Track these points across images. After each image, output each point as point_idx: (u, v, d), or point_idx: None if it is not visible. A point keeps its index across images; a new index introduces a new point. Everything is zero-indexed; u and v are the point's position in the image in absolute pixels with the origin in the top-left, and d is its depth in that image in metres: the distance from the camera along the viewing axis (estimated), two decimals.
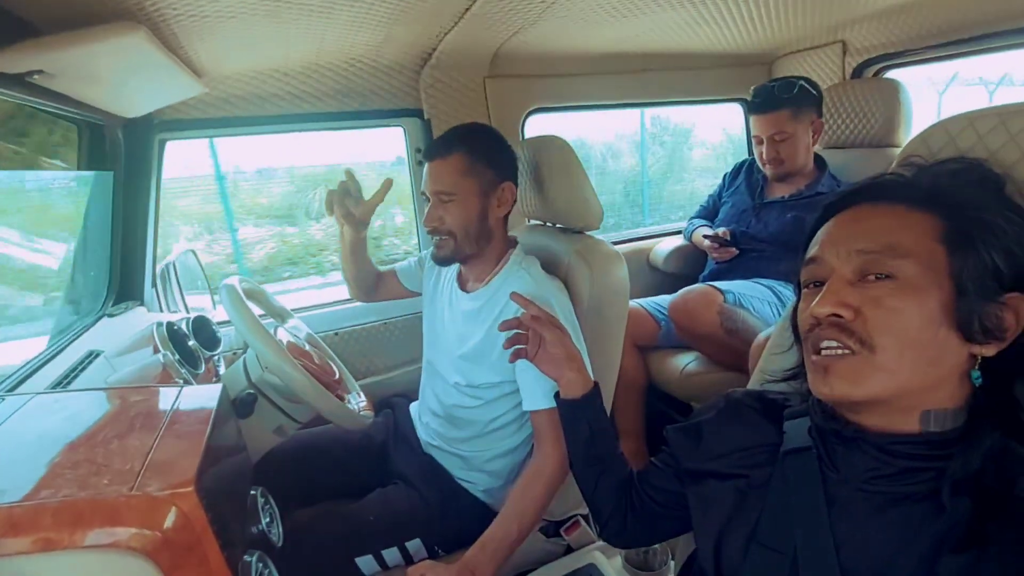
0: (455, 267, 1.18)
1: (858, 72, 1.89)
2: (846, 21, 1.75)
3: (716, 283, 1.60)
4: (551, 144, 1.15)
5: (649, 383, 1.70)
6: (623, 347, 1.18)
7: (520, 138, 1.79)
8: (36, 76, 0.85)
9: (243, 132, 1.59)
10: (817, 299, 0.51)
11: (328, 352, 1.27)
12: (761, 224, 1.69)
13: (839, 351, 0.50)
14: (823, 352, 0.51)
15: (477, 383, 1.09)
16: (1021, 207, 0.49)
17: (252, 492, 0.77)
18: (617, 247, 1.20)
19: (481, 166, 1.04)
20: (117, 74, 1.01)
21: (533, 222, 1.36)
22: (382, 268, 1.36)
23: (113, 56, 0.90)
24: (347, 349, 1.67)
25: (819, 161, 1.71)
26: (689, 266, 1.98)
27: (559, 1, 1.20)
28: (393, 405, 1.39)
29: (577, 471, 0.82)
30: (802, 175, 1.69)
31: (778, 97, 1.59)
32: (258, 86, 1.46)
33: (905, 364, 0.48)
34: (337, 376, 1.14)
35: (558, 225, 1.26)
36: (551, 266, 1.15)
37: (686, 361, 1.64)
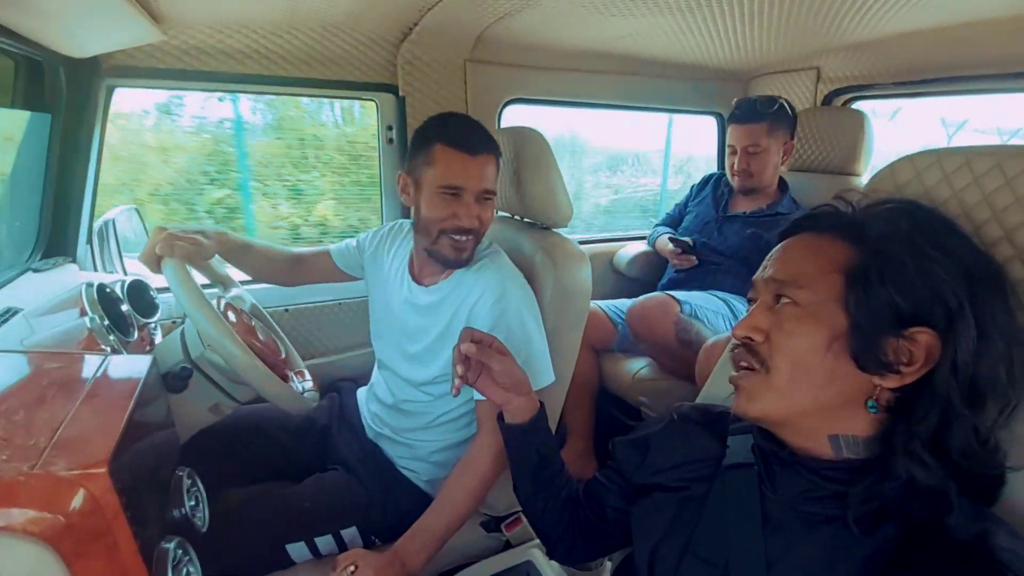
0: (405, 255, 1.12)
1: (829, 100, 1.95)
2: (822, 49, 1.80)
3: (673, 292, 1.63)
4: (528, 136, 1.13)
5: (601, 385, 1.72)
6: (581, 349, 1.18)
7: (496, 127, 1.76)
8: None
9: (201, 87, 1.49)
10: (740, 321, 0.57)
11: (275, 329, 1.21)
12: (722, 237, 1.73)
13: (746, 370, 0.55)
14: (739, 371, 0.57)
15: (431, 378, 1.06)
16: (946, 246, 0.50)
17: (178, 473, 0.72)
18: (583, 247, 1.19)
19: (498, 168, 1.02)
20: (63, 8, 0.92)
21: (502, 213, 1.34)
22: (305, 249, 1.27)
23: None
24: (297, 327, 1.60)
25: (782, 183, 1.77)
26: (651, 272, 2.00)
27: None
28: (340, 389, 1.34)
29: (523, 497, 0.81)
30: (765, 194, 1.74)
31: (759, 111, 1.65)
32: (222, 40, 1.36)
33: (794, 386, 0.52)
34: (283, 355, 1.09)
35: (527, 219, 1.24)
36: (515, 261, 1.13)
37: (638, 366, 1.66)
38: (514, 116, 1.84)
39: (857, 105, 1.94)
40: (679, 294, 1.60)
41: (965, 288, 0.48)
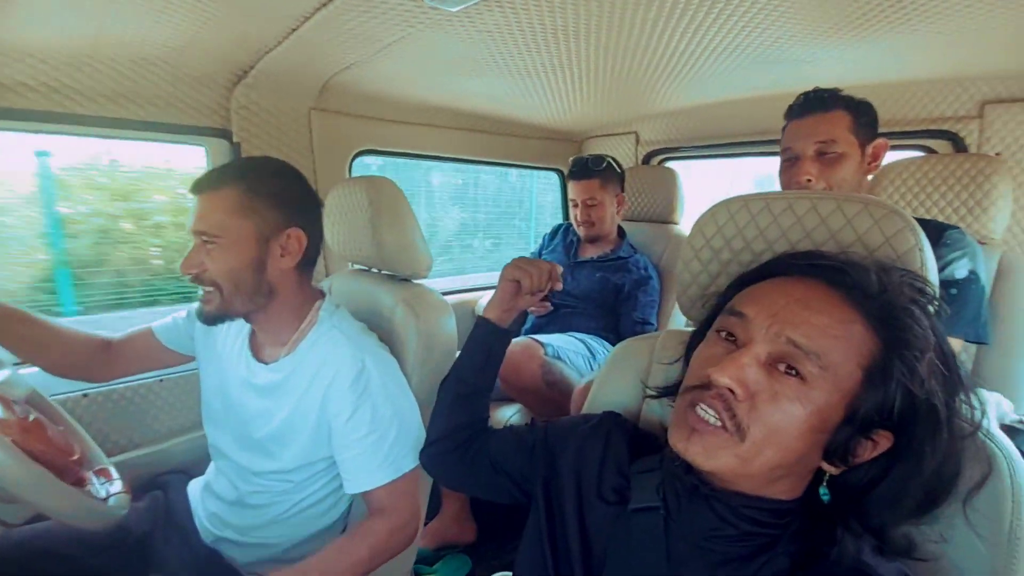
0: (244, 330, 0.98)
1: (647, 159, 2.26)
2: (637, 117, 2.10)
3: (537, 336, 1.68)
4: (381, 186, 1.09)
5: None
6: None
7: (347, 177, 1.69)
8: None
9: None
10: (721, 364, 0.49)
11: (66, 420, 0.95)
12: (575, 282, 1.86)
13: (713, 421, 0.49)
14: (699, 412, 0.50)
15: (285, 468, 0.92)
16: (947, 348, 0.49)
17: None
18: (445, 297, 1.17)
19: (263, 206, 0.87)
20: None
21: (359, 266, 1.27)
22: (119, 335, 1.05)
23: None
24: (103, 414, 1.28)
25: (620, 230, 1.98)
26: None
27: (393, 44, 1.19)
28: (165, 485, 1.09)
29: (446, 383, 0.81)
30: (607, 240, 1.93)
31: (591, 168, 1.85)
32: (9, 74, 1.12)
33: (761, 460, 0.48)
34: (77, 455, 0.85)
35: (384, 272, 1.19)
36: (375, 315, 1.07)
37: (509, 413, 1.66)
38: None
39: (670, 164, 2.28)
40: (542, 337, 1.66)
41: (943, 396, 0.48)
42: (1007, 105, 1.42)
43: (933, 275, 0.58)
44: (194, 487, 1.07)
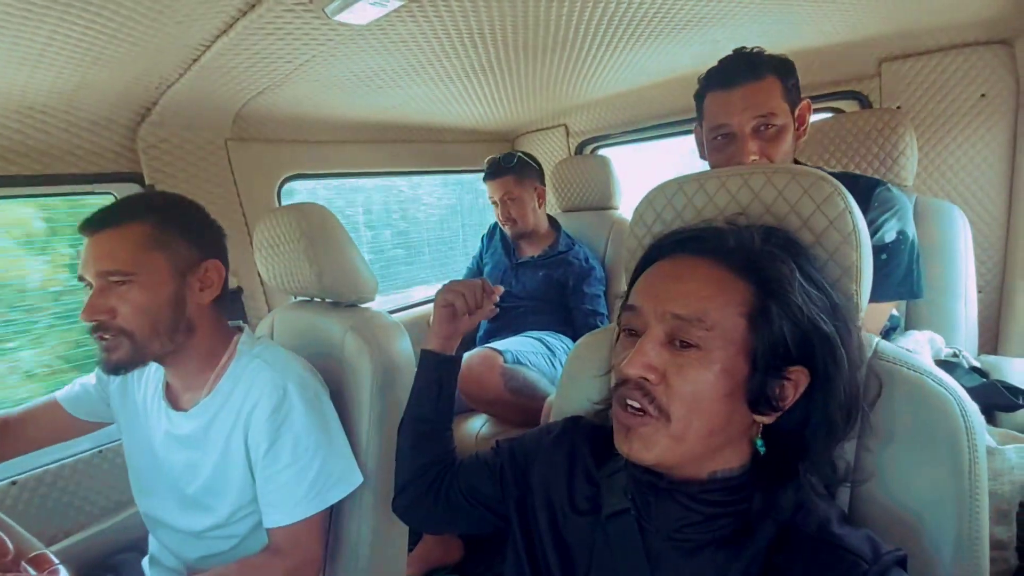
0: (158, 379, 0.92)
1: (579, 149, 2.28)
2: (566, 109, 2.12)
3: (494, 344, 1.66)
4: (312, 213, 1.04)
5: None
6: None
7: (276, 205, 1.62)
8: None
9: None
10: (628, 358, 0.52)
11: None
12: (520, 283, 1.87)
13: (640, 413, 0.52)
14: (628, 409, 0.52)
15: (226, 520, 0.86)
16: (816, 277, 0.54)
17: None
18: (396, 315, 1.14)
19: (175, 239, 0.82)
20: None
21: (301, 298, 1.21)
22: (17, 410, 0.96)
23: None
24: (36, 500, 1.17)
25: (554, 223, 1.97)
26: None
27: (305, 65, 1.14)
28: (117, 566, 1.01)
29: (404, 425, 0.79)
30: (541, 236, 1.91)
31: (503, 166, 1.86)
32: None
33: (692, 433, 0.51)
34: (11, 553, 0.76)
35: (328, 300, 1.14)
36: (325, 346, 1.02)
37: (478, 425, 1.63)
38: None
39: (602, 151, 2.31)
40: (499, 344, 1.64)
41: (826, 325, 0.51)
42: (901, 61, 1.53)
43: (865, 235, 0.60)
44: (148, 563, 0.99)
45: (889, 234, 0.96)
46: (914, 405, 0.56)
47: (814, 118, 1.52)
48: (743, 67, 0.98)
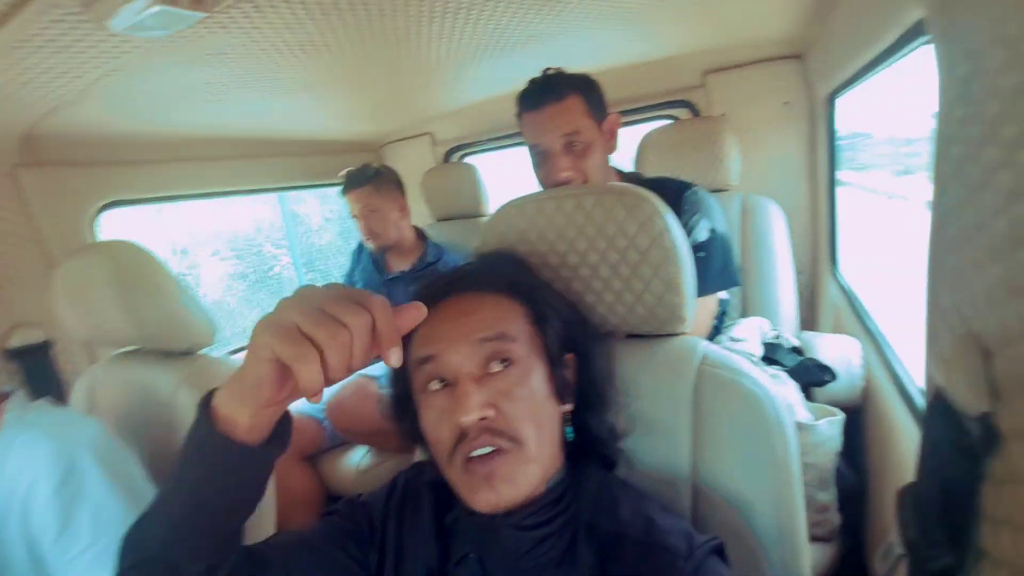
0: None
1: (447, 157, 2.26)
2: (430, 118, 2.08)
3: (364, 371, 1.58)
4: (123, 251, 0.90)
5: (325, 493, 1.53)
6: (287, 464, 1.01)
7: (92, 239, 1.39)
8: None
9: None
10: (457, 407, 0.49)
11: None
12: (393, 300, 1.76)
13: (494, 455, 0.49)
14: (478, 457, 0.49)
15: None
16: (546, 281, 0.67)
17: None
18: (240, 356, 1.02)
19: None
20: None
21: (124, 350, 1.05)
22: None
23: None
24: None
25: (420, 235, 1.90)
26: None
27: (104, 80, 0.98)
28: None
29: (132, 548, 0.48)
30: (407, 249, 1.83)
31: (360, 177, 1.75)
32: None
33: (543, 447, 0.52)
34: None
35: (159, 350, 1.00)
36: (153, 404, 0.89)
37: (358, 457, 1.55)
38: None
39: (469, 159, 2.31)
40: (371, 370, 1.57)
41: (573, 313, 0.61)
42: (721, 73, 1.71)
43: (683, 251, 0.65)
44: None
45: (702, 233, 1.04)
46: (736, 406, 0.62)
47: (654, 125, 1.66)
48: (546, 89, 1.04)
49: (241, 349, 1.84)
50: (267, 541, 0.56)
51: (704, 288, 0.96)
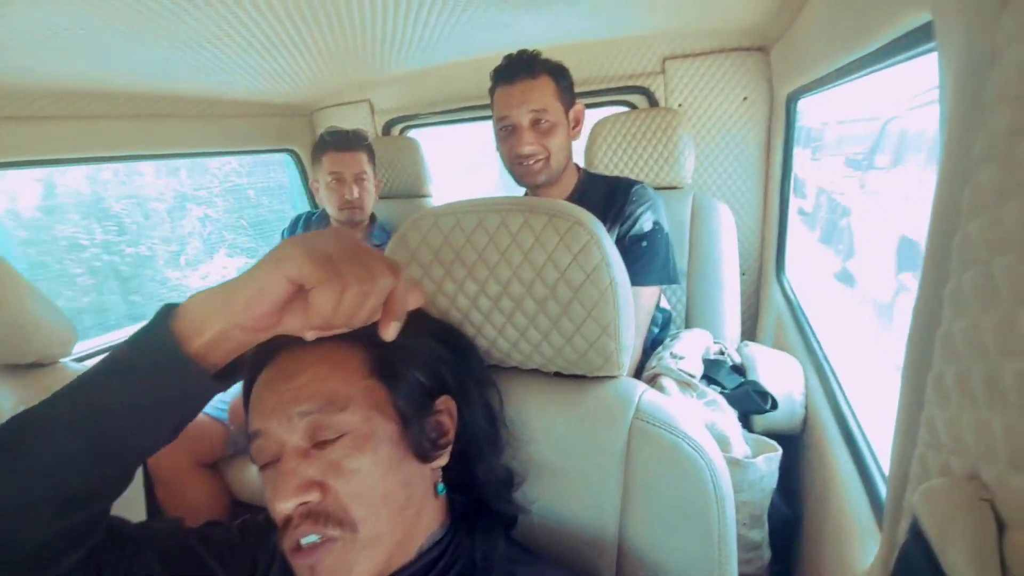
0: None
1: (386, 129, 2.07)
2: (370, 83, 1.88)
3: None
4: None
5: (232, 502, 1.38)
6: (187, 469, 0.89)
7: None
8: None
9: None
10: (274, 493, 0.42)
11: None
12: None
13: (320, 542, 0.43)
14: (304, 547, 0.43)
15: None
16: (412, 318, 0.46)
17: None
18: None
19: None
20: None
21: None
22: None
23: None
24: None
25: (371, 215, 1.77)
26: None
27: None
28: None
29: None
30: (364, 228, 1.71)
31: (357, 139, 1.61)
32: None
33: (385, 525, 0.45)
34: None
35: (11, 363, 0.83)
36: None
37: None
38: None
39: (411, 133, 2.13)
40: None
41: (447, 350, 0.53)
42: (681, 60, 1.61)
43: (623, 289, 0.55)
44: None
45: (647, 224, 1.09)
46: (671, 472, 0.54)
47: (610, 111, 1.55)
48: (522, 66, 1.11)
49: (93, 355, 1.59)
50: (141, 523, 0.50)
51: (646, 279, 1.05)
